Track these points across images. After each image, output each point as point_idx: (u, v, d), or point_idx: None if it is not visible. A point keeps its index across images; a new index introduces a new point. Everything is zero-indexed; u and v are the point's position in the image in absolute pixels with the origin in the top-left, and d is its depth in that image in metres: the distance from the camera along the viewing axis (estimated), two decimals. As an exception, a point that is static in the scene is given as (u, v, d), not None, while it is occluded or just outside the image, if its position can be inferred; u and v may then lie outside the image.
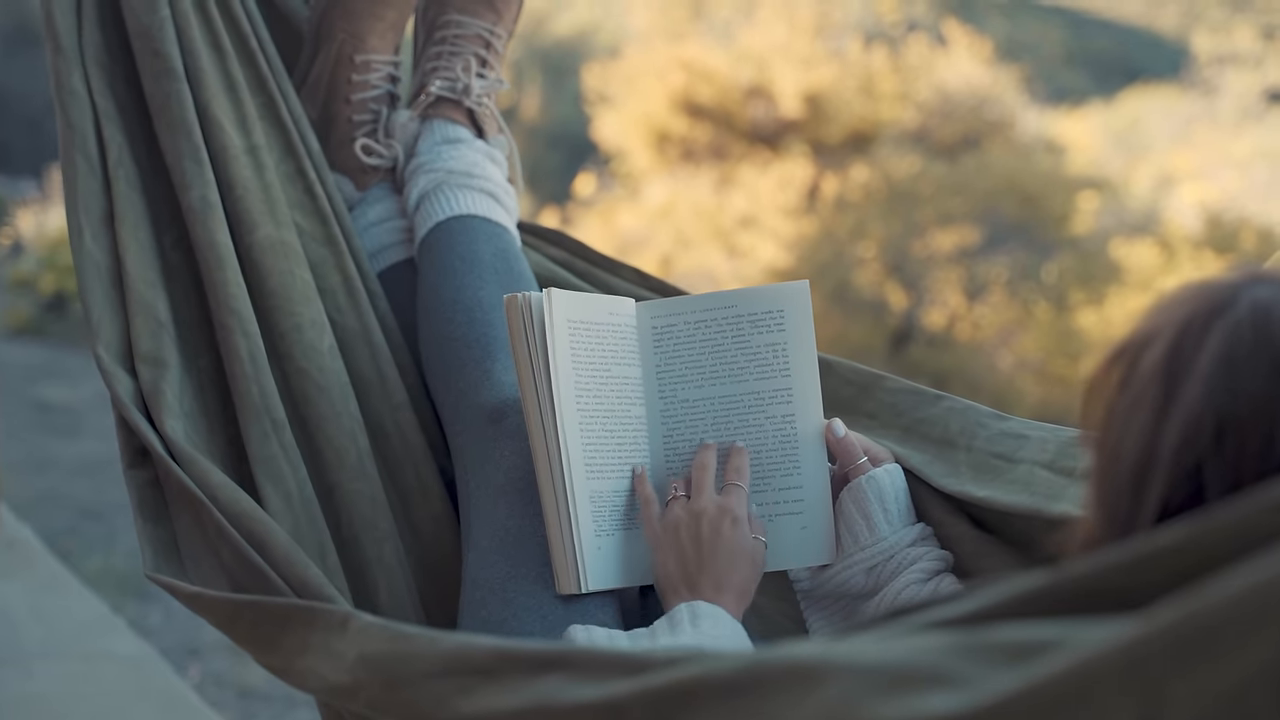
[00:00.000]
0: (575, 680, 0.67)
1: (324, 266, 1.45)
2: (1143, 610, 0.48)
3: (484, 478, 1.29)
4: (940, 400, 1.33)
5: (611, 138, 9.77)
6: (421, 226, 1.51)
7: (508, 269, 1.46)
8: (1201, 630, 0.45)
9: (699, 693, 0.59)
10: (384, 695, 0.84)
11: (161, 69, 1.40)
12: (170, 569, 1.22)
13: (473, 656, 0.77)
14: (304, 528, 1.27)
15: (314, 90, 1.59)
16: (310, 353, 1.36)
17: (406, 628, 0.86)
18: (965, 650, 0.52)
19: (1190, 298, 0.71)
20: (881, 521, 1.22)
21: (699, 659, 0.61)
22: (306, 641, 0.96)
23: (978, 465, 1.25)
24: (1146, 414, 0.69)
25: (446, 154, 1.54)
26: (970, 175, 8.92)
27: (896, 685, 0.52)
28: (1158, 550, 0.51)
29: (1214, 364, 0.67)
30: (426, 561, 1.37)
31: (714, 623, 1.09)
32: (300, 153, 1.47)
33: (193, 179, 1.36)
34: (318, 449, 1.34)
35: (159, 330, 1.32)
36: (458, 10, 1.60)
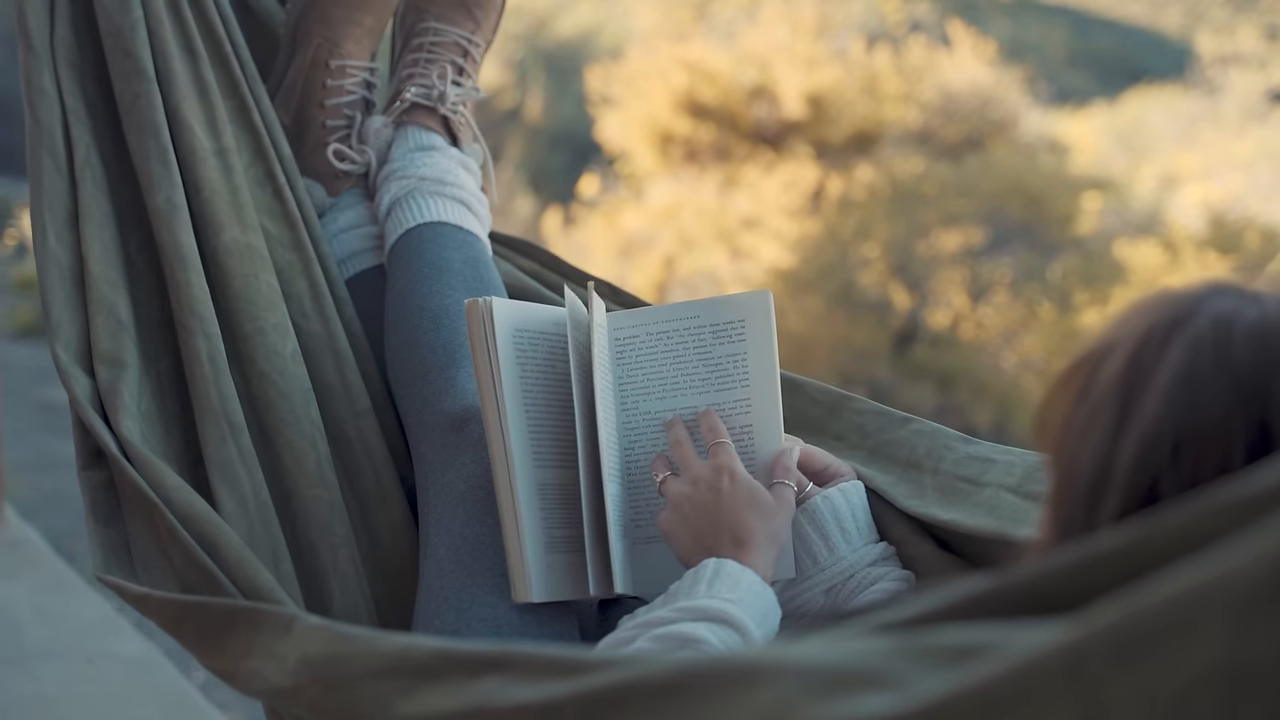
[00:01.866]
0: (513, 681, 0.67)
1: (290, 271, 1.43)
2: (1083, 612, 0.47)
3: (444, 485, 1.28)
4: (908, 422, 1.32)
5: (615, 139, 9.77)
6: (392, 233, 1.50)
7: (477, 277, 1.45)
8: (1141, 631, 0.45)
9: (634, 694, 0.59)
10: (324, 697, 0.84)
11: (132, 69, 1.39)
12: (121, 571, 1.21)
13: (413, 657, 0.76)
14: (258, 532, 1.26)
15: (288, 95, 1.58)
16: (272, 357, 1.35)
17: (348, 629, 0.86)
18: (905, 652, 0.52)
19: (1151, 309, 0.69)
20: (840, 541, 1.21)
21: (637, 661, 0.61)
22: (251, 644, 0.96)
23: (943, 488, 1.24)
24: (1103, 427, 0.67)
25: (419, 161, 1.53)
26: (974, 176, 8.92)
27: (834, 686, 0.51)
28: (1103, 554, 0.51)
29: (1173, 378, 0.65)
30: (384, 569, 1.36)
31: (732, 585, 1.07)
32: (271, 157, 1.46)
33: (159, 180, 1.36)
34: (276, 454, 1.33)
35: (119, 331, 1.32)
36: (436, 18, 1.59)
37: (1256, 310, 0.66)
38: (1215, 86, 11.53)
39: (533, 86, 12.16)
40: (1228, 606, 0.43)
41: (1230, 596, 0.43)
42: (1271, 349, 0.64)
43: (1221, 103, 11.22)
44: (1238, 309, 0.66)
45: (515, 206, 10.98)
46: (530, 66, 12.19)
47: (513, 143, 11.60)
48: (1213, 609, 0.43)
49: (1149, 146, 10.60)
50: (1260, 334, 0.65)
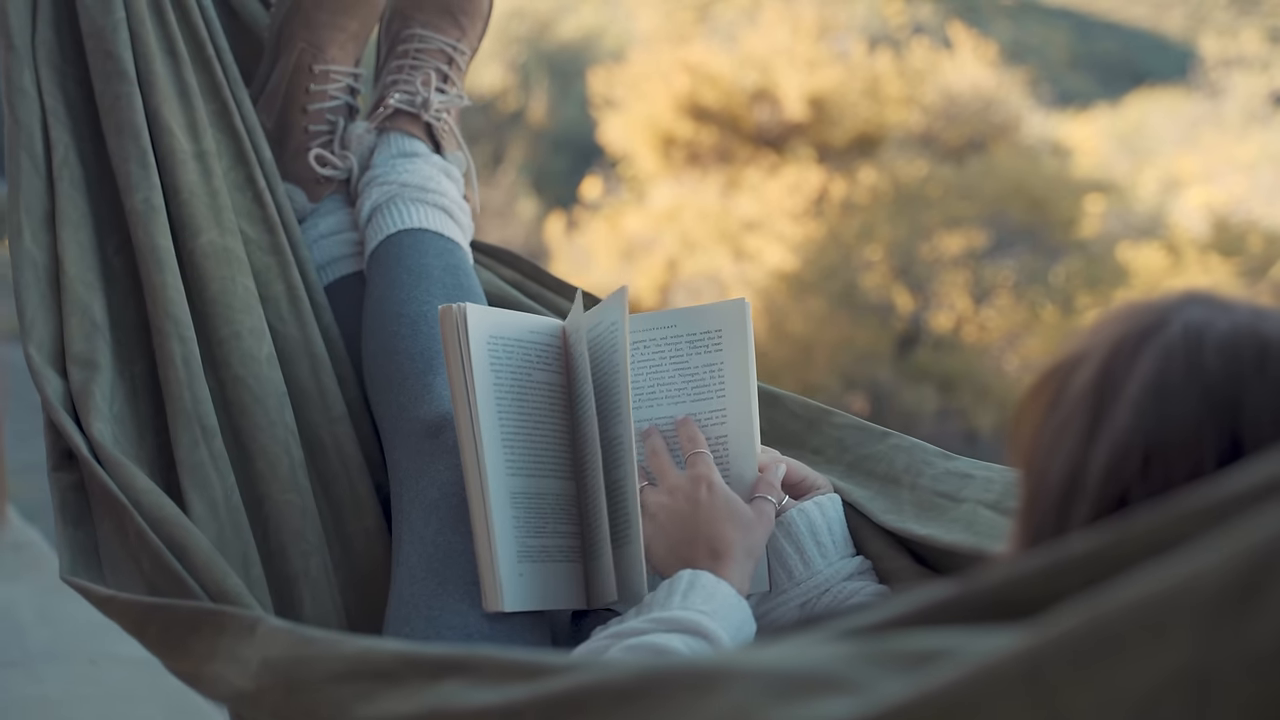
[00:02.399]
0: (473, 684, 0.67)
1: (268, 275, 1.42)
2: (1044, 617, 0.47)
3: (417, 493, 1.27)
4: (886, 437, 1.31)
5: (617, 141, 9.78)
6: (372, 239, 1.49)
7: (457, 285, 1.44)
8: (1103, 635, 0.44)
9: (594, 698, 0.59)
10: (286, 701, 0.83)
11: (113, 70, 1.39)
12: (88, 573, 1.20)
13: (374, 660, 0.76)
14: (228, 537, 1.25)
15: (271, 99, 1.57)
16: (247, 360, 1.34)
17: (311, 631, 0.85)
18: (866, 657, 0.51)
19: (1123, 318, 0.68)
20: (815, 554, 1.20)
21: (598, 665, 0.61)
22: (215, 647, 0.95)
23: (921, 503, 1.23)
24: (1074, 437, 0.67)
25: (401, 167, 1.52)
26: (976, 178, 8.92)
27: (793, 691, 0.51)
28: (1070, 559, 0.50)
29: (1144, 388, 0.65)
30: (356, 577, 1.35)
31: (706, 596, 1.06)
32: (251, 161, 1.45)
33: (138, 182, 1.35)
34: (249, 458, 1.32)
35: (93, 332, 1.31)
36: (421, 25, 1.58)
37: (1228, 320, 0.65)
38: (1218, 89, 11.52)
39: (535, 89, 12.17)
40: (1194, 610, 0.42)
41: (1197, 600, 0.42)
42: (1242, 359, 0.63)
43: (1224, 105, 11.21)
44: (1209, 319, 0.66)
45: (518, 209, 10.98)
46: (533, 70, 12.20)
47: (515, 146, 11.61)
48: (1179, 613, 0.43)
49: (1151, 149, 10.60)
50: (1231, 344, 0.64)
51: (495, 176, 11.13)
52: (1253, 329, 0.64)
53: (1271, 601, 0.41)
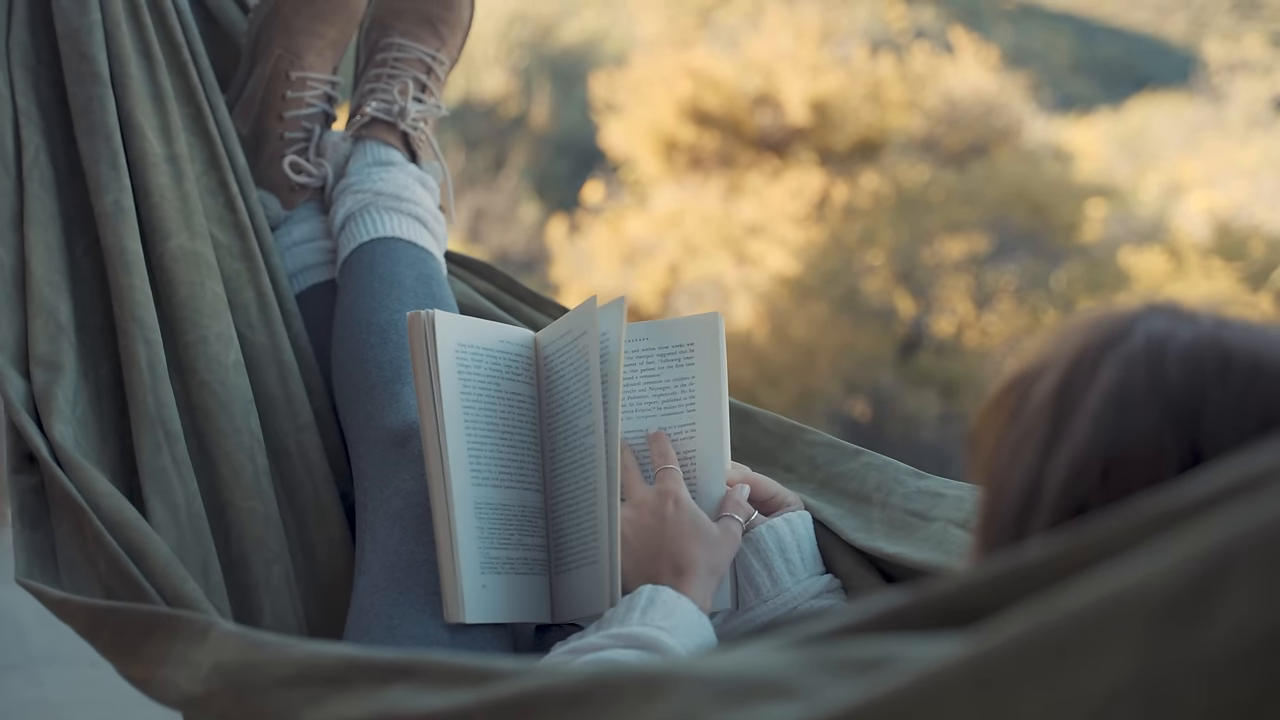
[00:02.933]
0: (421, 689, 0.66)
1: (238, 281, 1.42)
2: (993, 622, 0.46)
3: (382, 501, 1.26)
4: (859, 455, 1.31)
5: (619, 146, 9.78)
6: (345, 247, 1.48)
7: (429, 294, 1.43)
8: (1050, 642, 0.43)
9: (541, 702, 0.58)
10: (234, 706, 0.83)
11: (87, 72, 1.38)
12: (45, 576, 1.19)
13: (323, 665, 0.75)
14: (189, 543, 1.24)
15: (247, 105, 1.57)
16: (214, 366, 1.33)
17: (262, 636, 0.84)
18: (814, 664, 0.51)
19: (1085, 329, 0.68)
20: (784, 571, 1.19)
21: (547, 670, 0.60)
22: (167, 651, 0.94)
23: (892, 521, 1.23)
24: (1034, 449, 0.66)
25: (376, 175, 1.51)
26: (979, 183, 8.92)
27: (739, 696, 0.51)
28: (1024, 566, 0.49)
29: (1104, 399, 0.64)
30: (318, 586, 1.34)
31: (666, 612, 1.05)
32: (224, 166, 1.45)
33: (108, 183, 1.34)
34: (213, 464, 1.31)
35: (58, 334, 1.30)
36: (400, 34, 1.57)
37: (1190, 330, 0.65)
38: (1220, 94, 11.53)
39: (538, 93, 12.18)
40: (1145, 617, 0.41)
41: (1147, 607, 0.42)
42: (1204, 370, 0.63)
43: (1226, 110, 11.22)
44: (1172, 329, 0.65)
45: (520, 214, 10.99)
46: (535, 73, 12.21)
47: (517, 150, 11.61)
48: (1128, 619, 0.42)
49: (1153, 154, 10.60)
50: (1193, 354, 0.63)
51: (497, 181, 11.14)
52: (1215, 339, 0.64)
53: (1224, 608, 0.40)
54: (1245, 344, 0.63)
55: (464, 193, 10.54)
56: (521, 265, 9.84)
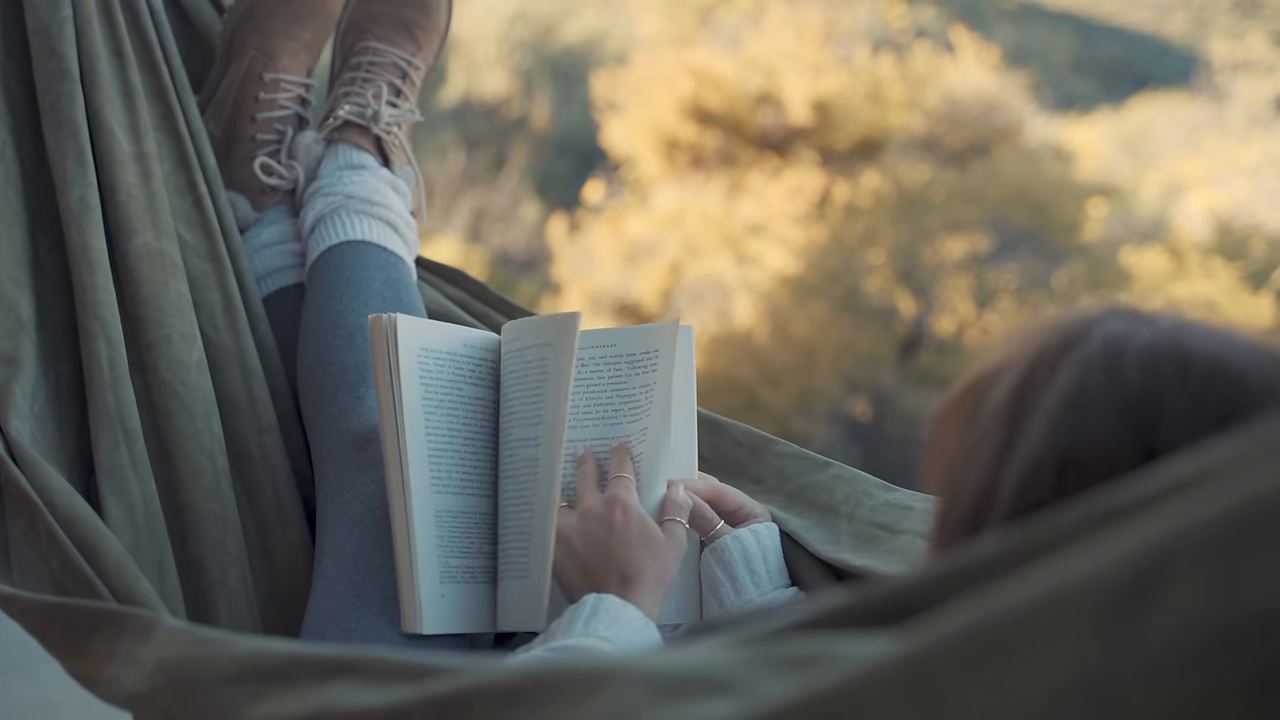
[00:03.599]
0: (361, 685, 0.67)
1: (204, 281, 1.41)
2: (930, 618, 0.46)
3: (342, 505, 1.26)
4: (828, 467, 1.31)
5: (620, 145, 9.77)
6: (314, 249, 1.48)
7: (397, 299, 1.43)
8: (990, 638, 0.43)
9: (479, 699, 0.59)
10: (178, 703, 0.82)
11: (56, 68, 1.37)
12: None
13: (266, 661, 0.75)
14: (144, 543, 1.23)
15: (220, 106, 1.56)
16: (175, 366, 1.32)
17: (207, 632, 0.84)
18: (753, 661, 0.51)
19: (1043, 331, 0.67)
20: (747, 583, 1.19)
21: (485, 667, 0.61)
22: (113, 648, 0.93)
23: (859, 534, 1.23)
24: (989, 452, 0.65)
25: (348, 179, 1.50)
26: (979, 182, 8.91)
27: (675, 693, 0.51)
28: (970, 564, 0.49)
29: (1061, 401, 0.64)
30: (277, 590, 1.33)
31: (610, 621, 1.05)
32: (194, 166, 1.44)
33: (74, 180, 1.34)
34: (172, 465, 1.30)
35: (18, 329, 1.29)
36: (376, 38, 1.56)
37: (1149, 332, 0.64)
38: (1221, 93, 11.51)
39: (539, 93, 12.17)
40: (1086, 613, 0.41)
41: (1089, 602, 0.41)
42: (1163, 372, 0.62)
43: (1227, 109, 11.20)
44: (1130, 331, 0.65)
45: (521, 213, 10.98)
46: (537, 73, 12.20)
47: (518, 149, 11.61)
48: (1070, 615, 0.42)
49: (1154, 153, 10.58)
50: (1152, 357, 0.63)
51: (498, 180, 11.13)
52: (1174, 341, 0.64)
53: (1167, 604, 0.40)
54: (1204, 346, 0.63)
55: (464, 192, 10.53)
56: (522, 265, 9.84)
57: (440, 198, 10.38)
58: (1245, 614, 0.37)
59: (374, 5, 1.56)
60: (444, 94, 11.62)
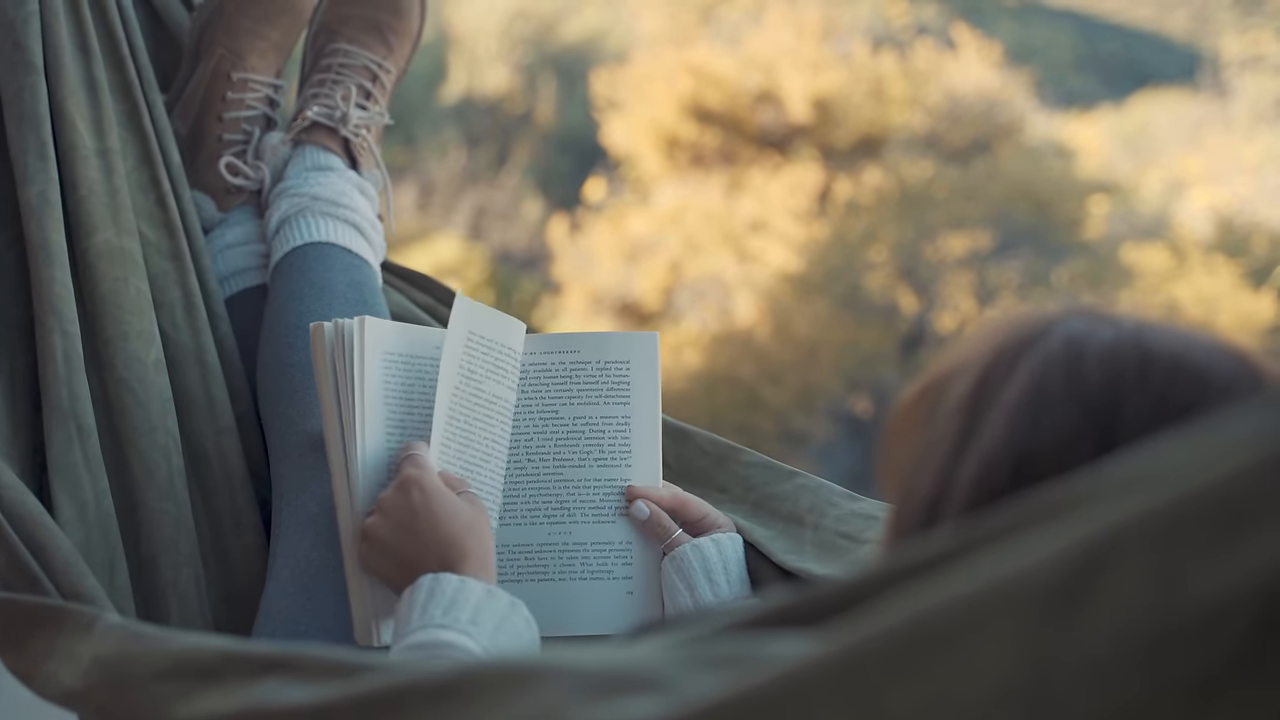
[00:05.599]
0: (291, 682, 0.66)
1: (164, 280, 1.39)
2: (862, 615, 0.45)
3: (297, 506, 1.25)
4: (793, 477, 1.29)
5: (621, 143, 9.77)
6: (278, 250, 1.46)
7: (360, 302, 1.41)
8: (924, 634, 0.42)
9: (409, 696, 0.58)
10: (111, 699, 0.81)
11: (20, 61, 1.36)
12: None
13: (199, 657, 0.74)
14: (95, 541, 1.22)
15: (188, 105, 1.54)
16: (132, 363, 1.30)
17: (143, 628, 0.83)
18: (684, 660, 0.51)
19: (1002, 331, 0.66)
20: (706, 592, 1.17)
21: (415, 665, 0.60)
22: (52, 644, 0.92)
23: (823, 544, 1.22)
24: (945, 449, 0.64)
25: (314, 180, 1.49)
26: (981, 179, 8.91)
27: (604, 690, 0.51)
28: (912, 563, 0.48)
29: (1019, 399, 0.62)
30: (230, 592, 1.31)
31: (447, 605, 0.99)
32: (157, 163, 1.43)
33: (34, 174, 1.32)
34: (126, 463, 1.28)
35: None
36: (347, 40, 1.55)
37: (1111, 332, 0.63)
38: (1223, 90, 11.50)
39: (540, 91, 12.17)
40: (1023, 608, 0.41)
41: (1025, 597, 0.41)
42: (1124, 371, 0.61)
43: (1229, 107, 11.19)
44: (1091, 330, 0.64)
45: (522, 211, 10.98)
46: (538, 71, 12.19)
47: (520, 147, 11.61)
48: (1006, 610, 0.41)
49: (1156, 150, 10.57)
50: (1113, 355, 0.62)
51: (499, 178, 11.13)
52: (1136, 341, 0.63)
53: (1105, 599, 0.39)
54: (1166, 346, 0.62)
55: (465, 190, 10.53)
56: (523, 263, 9.83)
57: (441, 196, 10.38)
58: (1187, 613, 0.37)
59: (345, 7, 1.54)
60: (445, 91, 11.62)
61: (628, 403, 1.24)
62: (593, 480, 1.24)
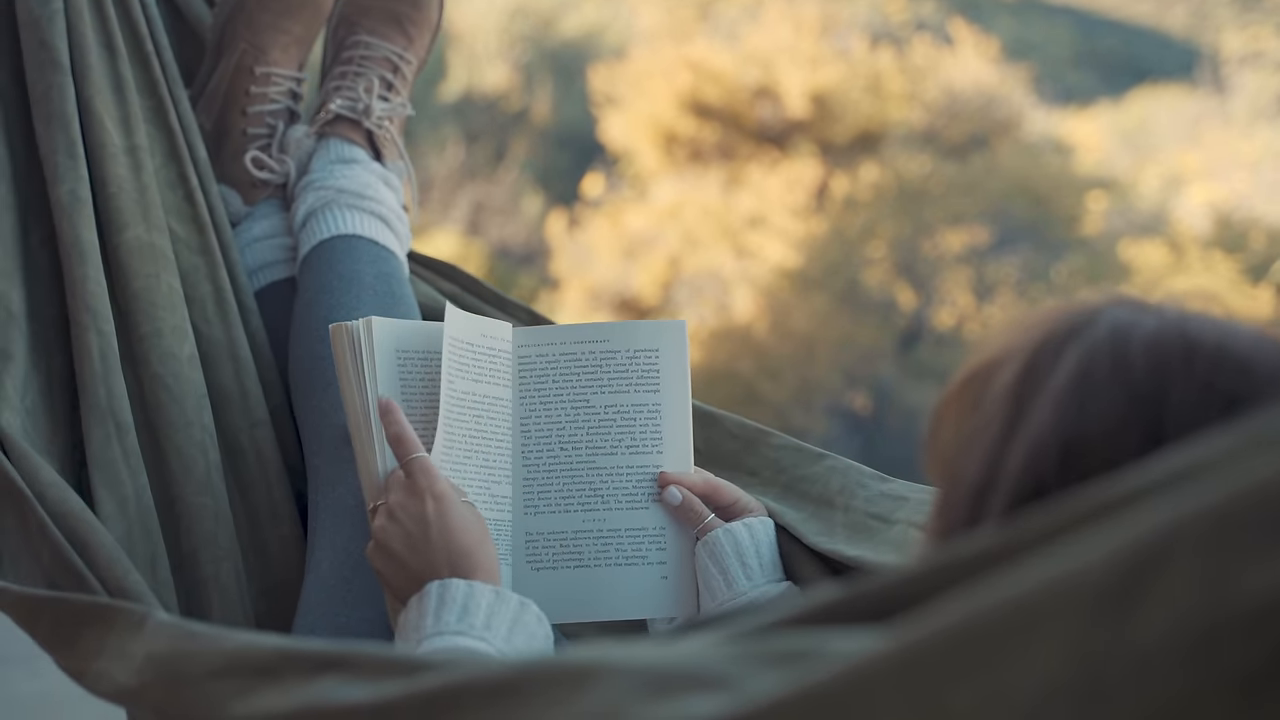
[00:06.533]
0: (349, 681, 0.66)
1: (195, 275, 1.40)
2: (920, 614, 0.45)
3: (334, 499, 1.25)
4: (822, 459, 1.30)
5: (619, 139, 9.77)
6: (305, 244, 1.47)
7: (389, 293, 1.42)
8: (979, 634, 0.43)
9: (467, 694, 0.58)
10: (166, 697, 0.82)
11: (47, 60, 1.36)
12: None
13: (255, 656, 0.74)
14: (136, 537, 1.23)
15: (211, 100, 1.55)
16: (167, 359, 1.31)
17: (196, 626, 0.83)
18: (743, 657, 0.51)
19: (1048, 319, 0.68)
20: (740, 576, 1.17)
21: (474, 662, 0.60)
22: (103, 642, 0.93)
23: (854, 525, 1.23)
24: (993, 435, 0.65)
25: (339, 173, 1.50)
26: (979, 175, 8.91)
27: (664, 688, 0.51)
28: (960, 559, 0.49)
29: (1066, 385, 0.63)
30: (269, 585, 1.32)
31: (460, 611, 1.00)
32: (184, 159, 1.43)
33: (65, 172, 1.33)
34: (164, 458, 1.29)
35: (8, 322, 1.29)
36: (367, 32, 1.55)
37: (1154, 321, 0.65)
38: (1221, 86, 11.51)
39: (540, 88, 12.16)
40: (1075, 609, 0.41)
41: (1078, 598, 0.41)
42: (1169, 357, 0.62)
43: (1227, 103, 11.19)
44: (1136, 319, 0.65)
45: (523, 206, 10.98)
46: (537, 67, 12.19)
47: (518, 143, 11.60)
48: (1058, 611, 0.41)
49: (1154, 146, 10.57)
50: (1158, 342, 0.63)
51: (497, 174, 11.13)
52: (1180, 330, 0.64)
53: (1156, 599, 0.39)
54: (1210, 335, 0.63)
55: (464, 186, 10.52)
56: (521, 258, 9.83)
57: (439, 191, 10.37)
58: (1236, 611, 0.37)
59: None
60: (444, 88, 11.60)
61: (658, 390, 1.25)
62: (625, 467, 1.24)
